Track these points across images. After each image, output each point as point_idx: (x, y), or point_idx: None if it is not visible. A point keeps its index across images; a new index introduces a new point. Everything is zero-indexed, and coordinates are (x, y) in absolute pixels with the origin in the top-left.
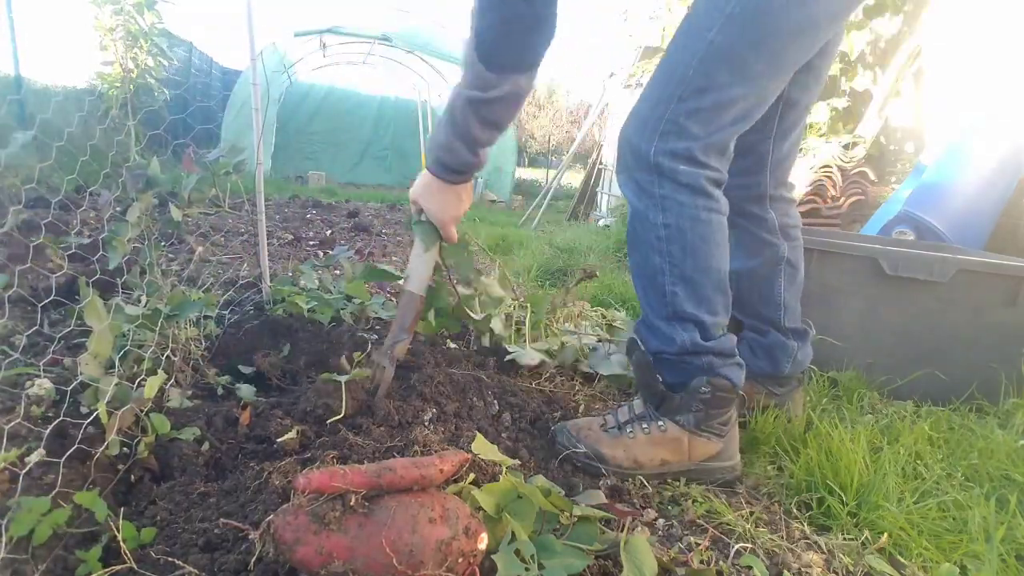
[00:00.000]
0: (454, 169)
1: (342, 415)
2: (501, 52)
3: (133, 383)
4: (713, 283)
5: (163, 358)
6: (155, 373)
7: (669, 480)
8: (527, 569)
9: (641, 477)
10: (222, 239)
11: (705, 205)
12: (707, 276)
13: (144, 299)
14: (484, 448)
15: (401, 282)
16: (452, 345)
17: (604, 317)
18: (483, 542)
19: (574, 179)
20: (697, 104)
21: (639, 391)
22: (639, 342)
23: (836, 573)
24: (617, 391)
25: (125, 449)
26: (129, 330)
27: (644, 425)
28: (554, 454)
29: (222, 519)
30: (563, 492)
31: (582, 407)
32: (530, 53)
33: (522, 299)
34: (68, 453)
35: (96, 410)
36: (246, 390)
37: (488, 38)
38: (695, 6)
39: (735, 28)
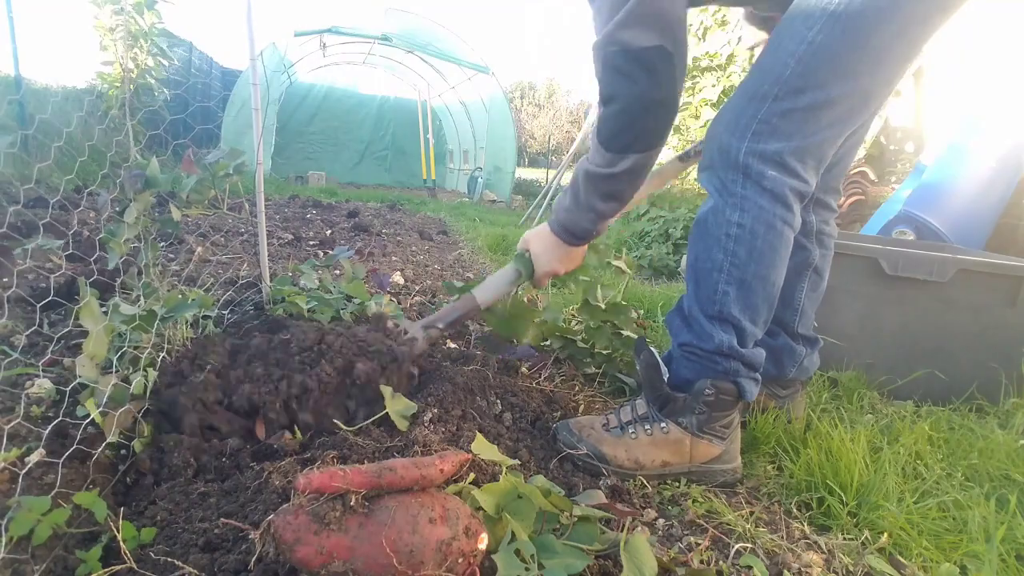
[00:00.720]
0: (573, 233)
1: None
2: (622, 135)
3: (130, 384)
4: (765, 294)
5: (159, 359)
6: (148, 373)
7: (669, 480)
8: (527, 569)
9: (642, 477)
10: (222, 239)
11: (783, 216)
12: (762, 285)
13: (141, 300)
14: (484, 448)
15: (473, 289)
16: (452, 345)
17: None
18: (483, 542)
19: None
20: (792, 104)
21: (643, 391)
22: (670, 329)
23: (836, 573)
24: (618, 393)
25: (123, 451)
26: (126, 331)
27: (646, 426)
28: (554, 454)
29: (222, 519)
30: (563, 492)
31: (582, 407)
32: (652, 136)
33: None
34: (68, 453)
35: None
36: None
37: (609, 121)
38: (795, 4)
39: (838, 26)
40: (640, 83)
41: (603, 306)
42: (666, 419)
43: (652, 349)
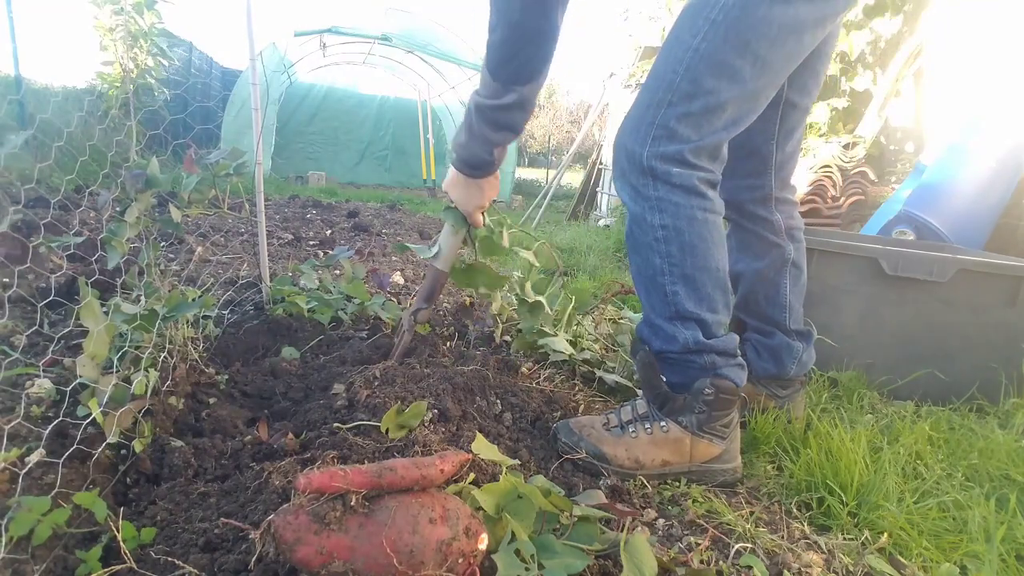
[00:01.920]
0: (472, 165)
1: None
2: (505, 65)
3: (131, 384)
4: (713, 281)
5: (160, 359)
6: (149, 373)
7: (669, 480)
8: (527, 569)
9: (642, 477)
10: (222, 239)
11: (700, 205)
12: (707, 274)
13: (142, 299)
14: (484, 448)
15: (429, 259)
16: (452, 344)
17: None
18: (483, 542)
19: (574, 179)
20: (687, 108)
21: (642, 391)
22: (643, 341)
23: (836, 573)
24: (618, 392)
25: (123, 451)
26: (127, 331)
27: (646, 425)
28: (554, 454)
29: (222, 519)
30: (563, 492)
31: (582, 407)
32: (530, 67)
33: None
34: (68, 453)
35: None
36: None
37: (495, 51)
38: (682, 13)
39: (719, 34)
40: (518, 11)
41: (530, 300)
42: (666, 418)
43: (647, 349)
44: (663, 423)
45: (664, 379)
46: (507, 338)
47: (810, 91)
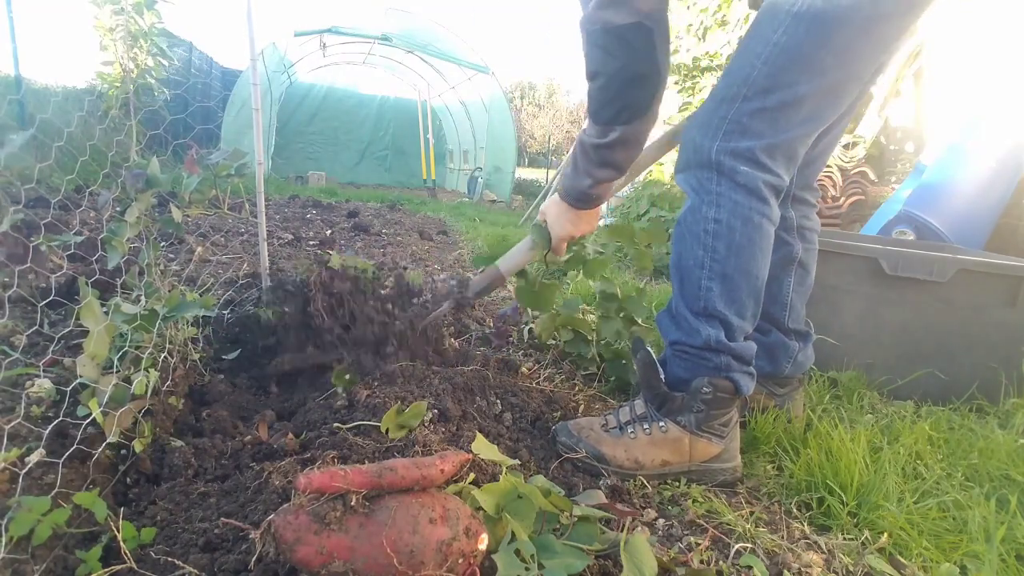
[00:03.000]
0: (574, 196)
1: None
2: (606, 108)
3: (131, 384)
4: (749, 287)
5: (160, 359)
6: (149, 373)
7: (669, 480)
8: (527, 569)
9: (642, 477)
10: (222, 239)
11: (759, 209)
12: (745, 279)
13: (142, 299)
14: (484, 448)
15: (497, 261)
16: (454, 342)
17: None
18: (483, 542)
19: None
20: (762, 103)
21: (641, 391)
22: (661, 329)
23: (836, 573)
24: (617, 392)
25: (123, 451)
26: (127, 331)
27: (645, 425)
28: (554, 454)
29: (222, 519)
30: (563, 492)
31: (582, 407)
32: (636, 108)
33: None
34: (68, 453)
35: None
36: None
37: (596, 96)
38: (760, 11)
39: (801, 26)
40: (620, 58)
41: (619, 293)
42: (665, 418)
43: (648, 349)
44: (662, 423)
45: (663, 377)
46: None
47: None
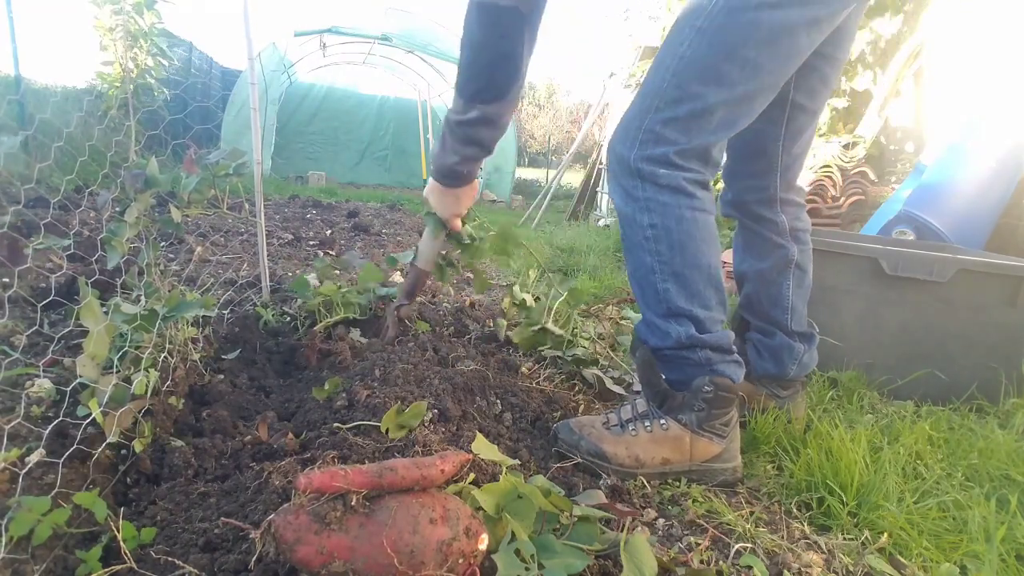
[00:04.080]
0: (445, 175)
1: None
2: (468, 84)
3: (131, 384)
4: (704, 278)
5: (160, 359)
6: (149, 373)
7: (669, 480)
8: (527, 569)
9: (642, 477)
10: (222, 239)
11: (688, 204)
12: (697, 271)
13: (142, 299)
14: (484, 448)
15: (411, 260)
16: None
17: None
18: (483, 543)
19: (574, 179)
20: (673, 113)
21: (642, 389)
22: (641, 339)
23: (836, 573)
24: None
25: (123, 451)
26: (127, 331)
27: (646, 423)
28: (554, 454)
29: (222, 519)
30: (563, 492)
31: (582, 407)
32: (493, 87)
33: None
34: (68, 453)
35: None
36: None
37: (461, 71)
38: (674, 23)
39: (704, 40)
40: (491, 36)
41: (529, 301)
42: (666, 416)
43: (647, 347)
44: (663, 421)
45: (663, 377)
46: (509, 333)
47: (819, 94)
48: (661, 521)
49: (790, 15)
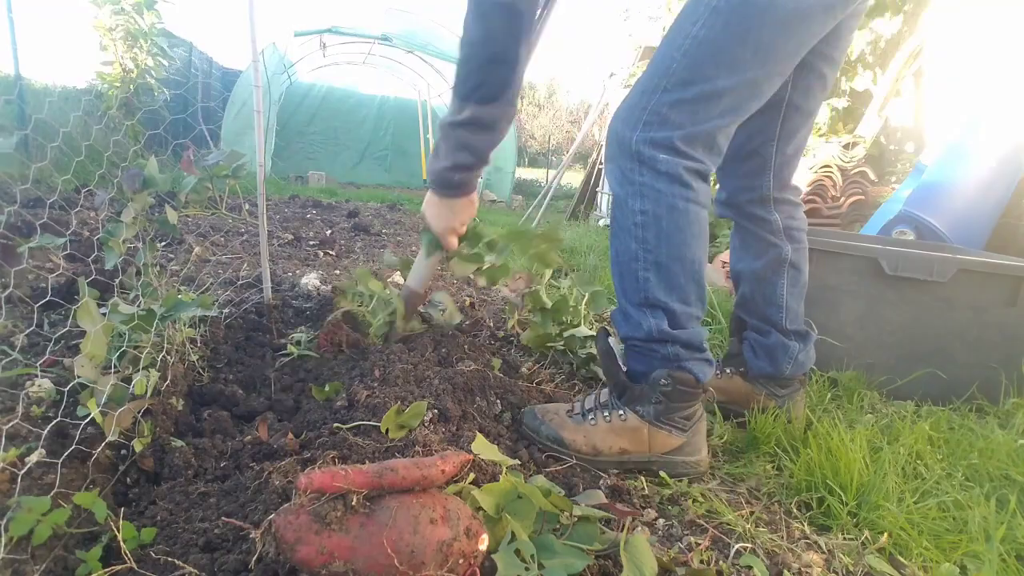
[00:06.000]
0: (441, 184)
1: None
2: (464, 82)
3: (130, 384)
4: (687, 272)
5: (159, 359)
6: (149, 373)
7: (669, 480)
8: (527, 569)
9: (642, 478)
10: (222, 239)
11: (683, 194)
12: (681, 265)
13: (140, 299)
14: (484, 448)
15: (407, 281)
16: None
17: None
18: (484, 543)
19: (574, 179)
20: (680, 95)
21: (605, 379)
22: (609, 328)
23: (836, 573)
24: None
25: (123, 451)
26: (126, 331)
27: (606, 413)
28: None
29: (222, 519)
30: (563, 492)
31: None
32: (490, 88)
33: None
34: (68, 453)
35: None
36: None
37: (458, 69)
38: (686, 3)
39: (719, 20)
40: (485, 34)
41: (549, 304)
42: (625, 407)
43: (609, 339)
44: (621, 412)
45: (624, 368)
46: (517, 330)
47: (815, 94)
48: (661, 521)
49: (803, 1)
